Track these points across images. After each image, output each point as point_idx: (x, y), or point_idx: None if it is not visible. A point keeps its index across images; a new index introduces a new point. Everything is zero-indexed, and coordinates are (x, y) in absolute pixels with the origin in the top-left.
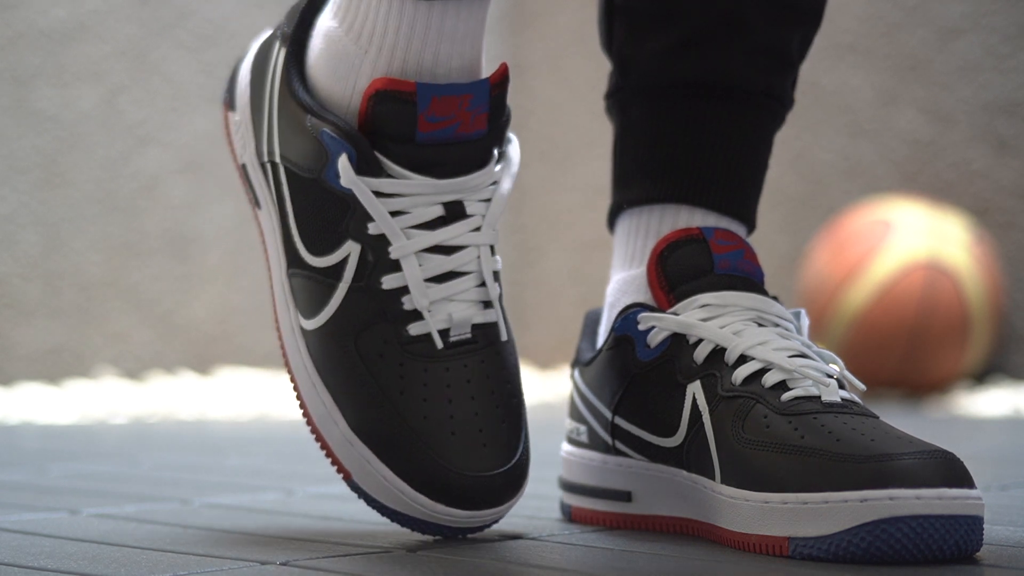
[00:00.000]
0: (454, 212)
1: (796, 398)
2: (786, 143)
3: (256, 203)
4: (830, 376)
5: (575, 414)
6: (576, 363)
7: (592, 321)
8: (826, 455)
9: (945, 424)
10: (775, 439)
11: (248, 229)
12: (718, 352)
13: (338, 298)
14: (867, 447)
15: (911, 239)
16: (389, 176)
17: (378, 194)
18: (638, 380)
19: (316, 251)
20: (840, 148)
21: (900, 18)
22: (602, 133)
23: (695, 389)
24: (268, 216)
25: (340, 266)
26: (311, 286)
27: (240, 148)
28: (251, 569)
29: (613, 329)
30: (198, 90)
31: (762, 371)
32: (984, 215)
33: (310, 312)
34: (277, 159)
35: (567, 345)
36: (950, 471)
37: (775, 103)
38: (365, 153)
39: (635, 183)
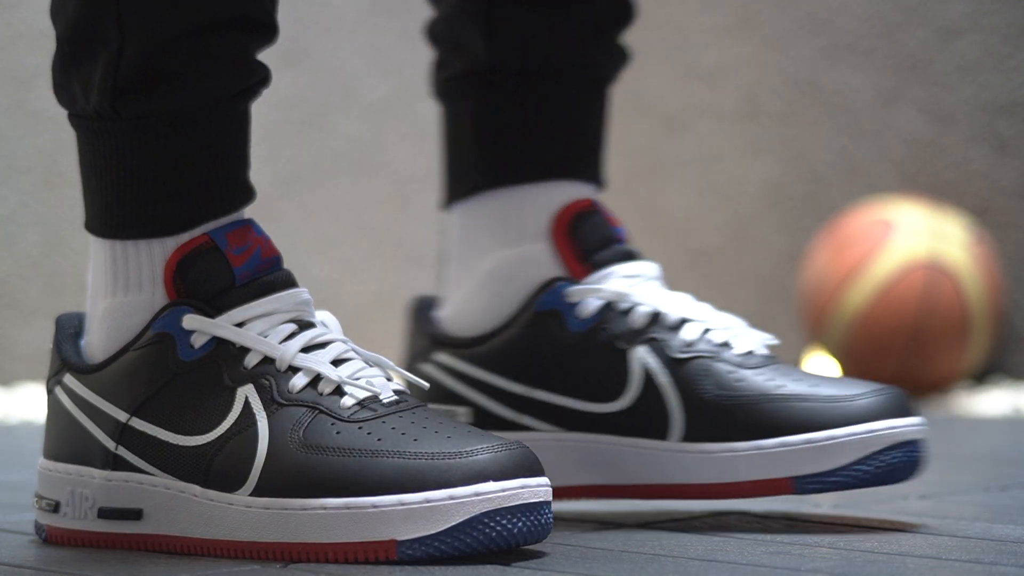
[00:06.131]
0: (303, 324)
1: None
2: (786, 143)
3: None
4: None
5: None
6: (420, 352)
7: (425, 307)
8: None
9: (945, 424)
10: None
11: None
12: (657, 316)
13: (263, 433)
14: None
15: (911, 239)
16: (229, 310)
17: (240, 325)
18: (573, 351)
19: (206, 427)
20: (840, 148)
21: (900, 18)
22: None
23: (642, 353)
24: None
25: (246, 412)
26: (230, 454)
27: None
28: (250, 570)
29: (532, 306)
30: None
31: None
32: (984, 215)
33: (238, 476)
34: (129, 421)
35: None
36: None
37: (608, 75)
38: (196, 307)
39: (503, 164)
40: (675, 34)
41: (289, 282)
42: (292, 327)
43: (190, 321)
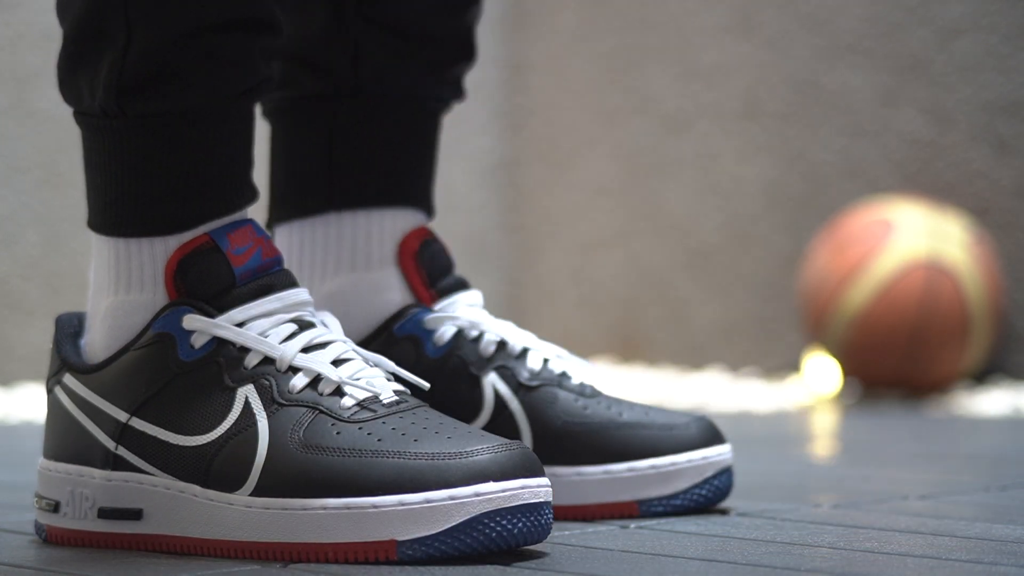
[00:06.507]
0: (304, 324)
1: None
2: (786, 143)
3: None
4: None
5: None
6: None
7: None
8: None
9: (945, 424)
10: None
11: None
12: (504, 345)
13: (263, 433)
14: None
15: (911, 239)
16: (229, 311)
17: (240, 325)
18: (429, 376)
19: (206, 427)
20: (840, 148)
21: (900, 18)
22: (602, 133)
23: (493, 379)
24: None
25: (246, 412)
26: (230, 455)
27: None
28: (250, 570)
29: (390, 331)
30: None
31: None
32: (984, 215)
33: (238, 476)
34: (129, 422)
35: (567, 345)
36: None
37: (446, 108)
38: (196, 307)
39: (354, 186)
40: (675, 34)
41: (290, 282)
42: (292, 327)
43: (190, 321)
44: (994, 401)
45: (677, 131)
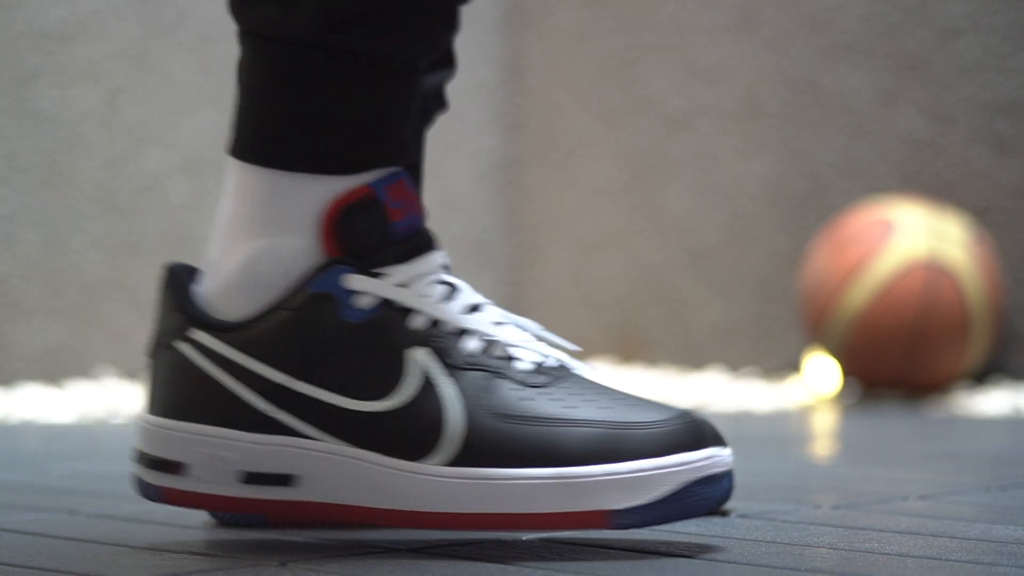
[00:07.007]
0: (451, 286)
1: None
2: (786, 143)
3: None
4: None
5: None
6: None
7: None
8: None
9: (945, 424)
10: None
11: None
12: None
13: (451, 400)
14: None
15: (911, 239)
16: (385, 268)
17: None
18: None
19: (381, 391)
20: (840, 148)
21: (900, 18)
22: (602, 133)
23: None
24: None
25: (424, 377)
26: (418, 421)
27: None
28: (250, 569)
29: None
30: (198, 90)
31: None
32: (984, 215)
33: (426, 444)
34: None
35: None
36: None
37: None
38: (356, 267)
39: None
40: (675, 34)
41: (433, 242)
42: (446, 289)
43: (354, 281)
44: (994, 401)
45: (677, 131)
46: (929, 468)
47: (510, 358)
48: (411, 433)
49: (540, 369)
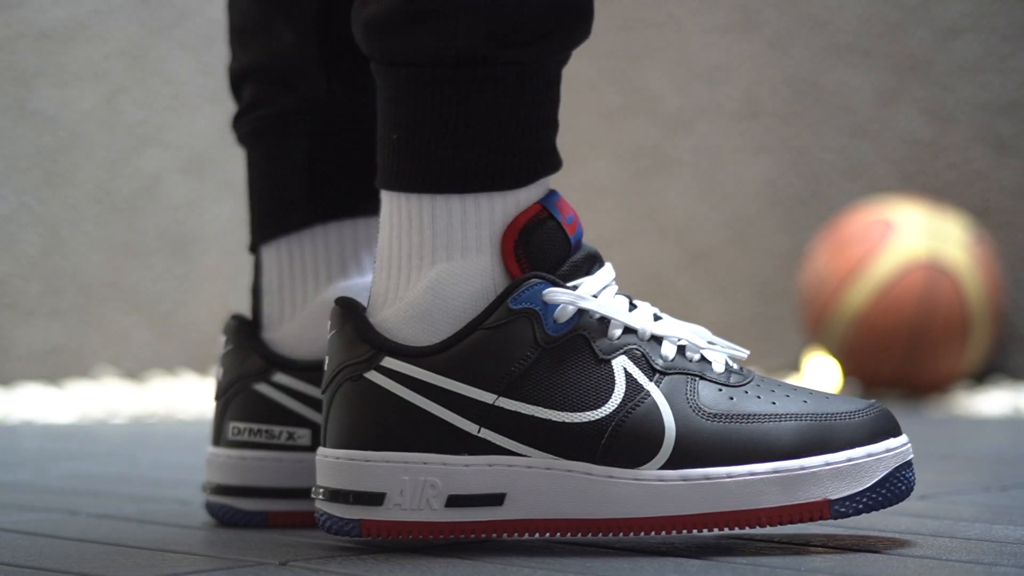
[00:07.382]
0: (627, 296)
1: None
2: (786, 143)
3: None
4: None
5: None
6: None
7: (247, 327)
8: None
9: (945, 424)
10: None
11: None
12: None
13: (663, 405)
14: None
15: (911, 239)
16: (576, 281)
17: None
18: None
19: (592, 402)
20: (840, 148)
21: (900, 18)
22: (602, 133)
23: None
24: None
25: (632, 384)
26: (632, 428)
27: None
28: (250, 569)
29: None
30: (198, 90)
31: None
32: (984, 215)
33: (645, 450)
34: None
35: None
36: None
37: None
38: (551, 280)
39: (332, 198)
40: (675, 34)
41: (599, 253)
42: (625, 298)
43: (555, 295)
44: (994, 401)
45: (677, 131)
46: (929, 468)
47: (704, 360)
48: (625, 441)
49: (730, 369)
